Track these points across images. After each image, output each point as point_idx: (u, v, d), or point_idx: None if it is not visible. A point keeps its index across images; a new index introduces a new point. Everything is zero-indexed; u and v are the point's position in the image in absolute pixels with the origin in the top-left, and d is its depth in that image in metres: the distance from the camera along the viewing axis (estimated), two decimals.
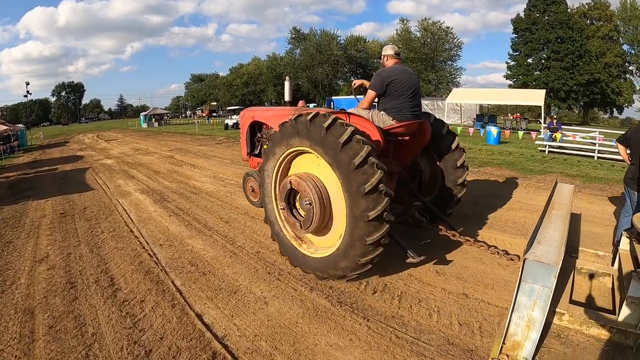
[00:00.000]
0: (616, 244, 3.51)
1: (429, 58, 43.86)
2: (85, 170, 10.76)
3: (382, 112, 3.45)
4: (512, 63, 41.98)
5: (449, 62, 45.61)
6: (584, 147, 11.56)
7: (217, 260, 3.94)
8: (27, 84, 34.21)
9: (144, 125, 37.16)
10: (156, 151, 14.70)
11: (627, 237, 2.96)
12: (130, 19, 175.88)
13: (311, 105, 27.96)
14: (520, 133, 13.73)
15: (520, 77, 40.75)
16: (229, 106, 50.42)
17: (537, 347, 2.21)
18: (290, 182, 3.23)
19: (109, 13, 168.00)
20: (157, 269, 3.76)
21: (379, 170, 2.73)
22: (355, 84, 4.06)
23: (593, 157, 10.67)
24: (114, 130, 33.77)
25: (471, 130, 14.86)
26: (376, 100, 3.56)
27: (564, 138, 12.37)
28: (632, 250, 2.79)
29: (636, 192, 3.78)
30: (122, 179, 9.00)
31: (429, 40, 43.99)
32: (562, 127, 14.89)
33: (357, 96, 4.11)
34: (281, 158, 3.41)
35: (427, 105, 28.17)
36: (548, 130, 14.01)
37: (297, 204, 3.39)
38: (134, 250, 4.27)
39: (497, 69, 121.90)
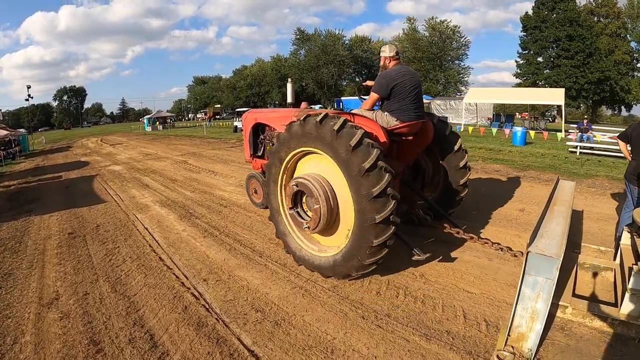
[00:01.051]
0: (618, 239, 3.54)
1: (437, 57, 42.95)
2: (92, 178, 9.79)
3: (386, 113, 3.41)
4: (521, 62, 41.17)
5: (457, 62, 44.76)
6: (613, 147, 10.79)
7: (287, 301, 2.97)
8: (29, 87, 33.57)
9: (148, 129, 36.14)
10: (167, 156, 13.69)
11: (628, 232, 2.99)
12: (131, 23, 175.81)
13: (316, 107, 27.10)
14: (559, 134, 12.99)
15: (530, 76, 39.95)
16: (234, 108, 49.46)
17: (541, 339, 2.21)
18: (297, 184, 3.18)
19: (109, 17, 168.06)
20: (210, 318, 2.78)
21: (387, 174, 2.72)
22: (367, 84, 3.97)
23: (624, 157, 9.77)
24: (118, 134, 32.73)
25: (507, 131, 13.90)
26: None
27: (598, 140, 11.80)
28: (634, 245, 2.80)
29: (637, 188, 3.81)
30: (136, 188, 8.02)
31: (436, 39, 43.09)
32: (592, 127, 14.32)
33: (362, 96, 4.06)
34: (287, 158, 3.34)
35: (439, 105, 27.34)
36: (579, 131, 13.48)
37: (304, 204, 3.33)
38: (172, 289, 3.28)
39: (497, 68, 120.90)
